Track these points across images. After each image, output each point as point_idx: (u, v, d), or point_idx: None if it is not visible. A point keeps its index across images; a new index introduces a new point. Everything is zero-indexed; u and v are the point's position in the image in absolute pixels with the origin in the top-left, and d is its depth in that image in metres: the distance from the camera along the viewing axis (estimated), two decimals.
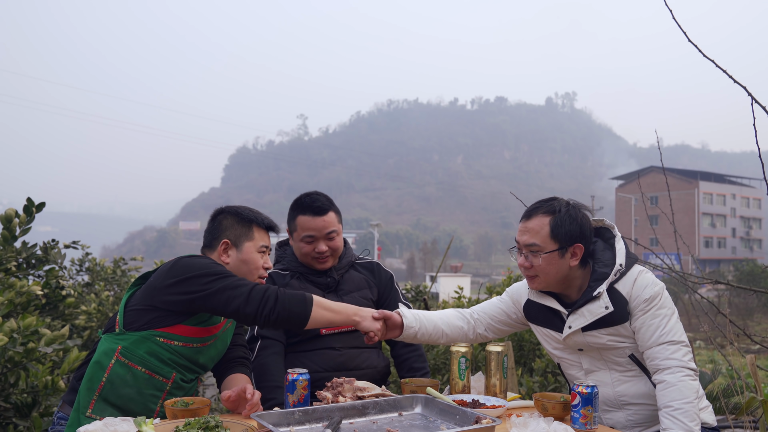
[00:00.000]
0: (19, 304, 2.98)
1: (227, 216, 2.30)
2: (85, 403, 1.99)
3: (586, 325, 2.14)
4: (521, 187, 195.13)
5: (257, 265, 2.27)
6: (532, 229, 2.15)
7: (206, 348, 2.15)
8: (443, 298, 7.35)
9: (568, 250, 2.13)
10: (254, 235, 2.29)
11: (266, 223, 2.35)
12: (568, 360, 2.29)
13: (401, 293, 2.80)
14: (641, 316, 2.10)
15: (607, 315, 2.11)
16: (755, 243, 73.28)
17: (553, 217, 2.13)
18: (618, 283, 2.14)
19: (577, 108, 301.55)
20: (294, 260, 2.66)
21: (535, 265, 2.14)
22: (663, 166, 3.50)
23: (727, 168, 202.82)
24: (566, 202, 2.18)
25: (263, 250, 2.30)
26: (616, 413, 2.22)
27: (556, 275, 2.15)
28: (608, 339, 2.14)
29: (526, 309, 2.36)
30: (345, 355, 2.52)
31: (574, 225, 2.13)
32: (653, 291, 2.11)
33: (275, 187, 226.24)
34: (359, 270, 2.73)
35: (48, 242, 3.63)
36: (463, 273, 50.73)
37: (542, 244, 2.12)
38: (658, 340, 2.07)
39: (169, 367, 2.06)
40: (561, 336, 2.22)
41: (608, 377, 2.20)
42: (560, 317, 2.23)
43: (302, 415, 1.81)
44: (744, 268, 23.03)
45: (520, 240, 2.18)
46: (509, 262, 2.44)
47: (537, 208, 2.18)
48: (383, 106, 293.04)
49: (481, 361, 3.92)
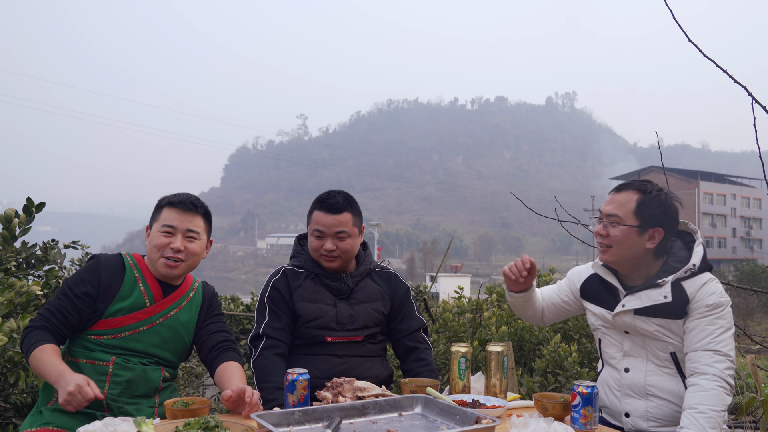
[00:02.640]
0: (19, 304, 2.98)
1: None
2: (45, 399, 2.17)
3: (639, 308, 2.16)
4: (521, 187, 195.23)
5: (156, 243, 2.27)
6: (618, 201, 2.20)
7: (140, 335, 2.24)
8: (443, 298, 7.34)
9: (647, 231, 2.15)
10: (161, 215, 2.31)
11: (177, 200, 2.32)
12: (611, 338, 2.31)
13: (416, 307, 2.74)
14: (698, 318, 2.10)
15: (664, 305, 2.12)
16: (755, 243, 73.28)
17: (642, 196, 2.17)
18: (685, 281, 2.15)
19: (577, 108, 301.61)
20: (309, 257, 2.61)
21: (611, 235, 2.18)
22: (663, 166, 3.49)
23: (728, 168, 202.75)
24: (660, 187, 2.22)
25: (166, 229, 2.27)
26: (638, 401, 2.22)
27: (628, 251, 2.17)
28: (656, 329, 2.16)
29: (583, 287, 2.40)
30: (348, 363, 2.49)
31: (660, 209, 2.16)
32: (718, 300, 2.11)
33: (275, 187, 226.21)
34: (375, 280, 2.67)
35: (48, 242, 3.62)
36: (463, 273, 50.74)
37: (623, 216, 2.16)
38: (705, 346, 2.07)
39: (106, 354, 2.20)
40: (611, 314, 2.24)
41: (643, 365, 2.22)
42: (615, 297, 2.26)
43: (302, 415, 1.80)
44: (744, 268, 23.04)
45: (604, 209, 2.23)
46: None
47: (630, 184, 2.23)
48: (383, 106, 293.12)
49: (481, 361, 3.92)
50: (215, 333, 2.39)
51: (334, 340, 2.50)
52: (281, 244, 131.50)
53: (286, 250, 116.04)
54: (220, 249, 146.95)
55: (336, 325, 2.50)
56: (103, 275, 2.24)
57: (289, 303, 2.52)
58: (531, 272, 2.34)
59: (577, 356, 4.13)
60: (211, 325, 2.41)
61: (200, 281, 2.50)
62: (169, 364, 2.33)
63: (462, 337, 4.64)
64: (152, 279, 2.31)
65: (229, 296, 7.04)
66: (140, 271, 2.31)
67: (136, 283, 2.27)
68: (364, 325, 2.55)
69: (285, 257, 75.67)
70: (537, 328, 4.60)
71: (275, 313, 2.51)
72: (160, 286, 2.31)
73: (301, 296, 2.52)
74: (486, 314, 4.86)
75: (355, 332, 2.53)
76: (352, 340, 2.53)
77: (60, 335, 2.18)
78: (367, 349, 2.57)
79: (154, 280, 2.31)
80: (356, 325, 2.53)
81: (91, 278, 2.23)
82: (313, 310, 2.50)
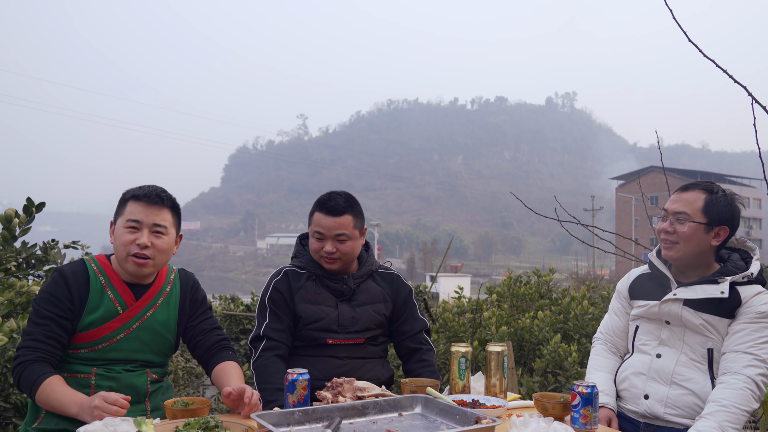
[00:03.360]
0: (19, 304, 2.98)
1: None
2: (32, 417, 2.11)
3: (692, 299, 2.19)
4: (521, 187, 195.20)
5: (122, 241, 2.13)
6: (686, 199, 2.25)
7: (118, 343, 2.15)
8: (443, 298, 7.35)
9: (713, 228, 2.21)
10: (125, 210, 2.17)
11: (142, 193, 2.17)
12: (649, 326, 2.33)
13: (419, 308, 2.72)
14: (746, 323, 2.13)
15: (716, 300, 2.16)
16: (755, 243, 73.28)
17: (709, 195, 2.24)
18: (740, 286, 2.18)
19: (577, 108, 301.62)
20: (311, 258, 2.59)
21: (678, 232, 2.22)
22: (663, 166, 3.49)
23: (727, 168, 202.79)
24: (723, 188, 2.28)
25: (131, 224, 2.13)
26: (661, 387, 2.23)
27: (695, 248, 2.22)
28: (702, 323, 2.18)
29: (631, 288, 2.43)
30: (348, 365, 2.48)
31: (727, 208, 2.22)
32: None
33: (275, 187, 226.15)
34: (377, 281, 2.65)
35: (48, 242, 3.62)
36: (463, 273, 50.78)
37: (692, 213, 2.22)
38: (746, 349, 2.10)
39: (87, 366, 2.13)
40: (658, 303, 2.26)
41: (676, 355, 2.24)
42: (665, 290, 2.29)
43: (302, 415, 1.81)
44: None
45: (670, 207, 2.27)
46: (509, 262, 2.43)
47: (695, 184, 2.29)
48: (383, 106, 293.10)
49: (481, 361, 3.93)
50: (209, 332, 2.35)
51: (335, 342, 2.49)
52: (281, 244, 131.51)
53: (286, 250, 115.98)
54: (220, 249, 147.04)
55: (337, 327, 2.49)
56: (72, 288, 2.11)
57: (290, 304, 2.51)
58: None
59: (576, 356, 4.13)
60: (203, 323, 2.35)
61: (177, 269, 2.37)
62: (155, 364, 2.26)
63: (462, 337, 4.64)
64: (120, 283, 2.18)
65: (229, 296, 7.04)
66: (106, 276, 2.18)
67: (103, 291, 2.15)
68: (365, 327, 2.54)
69: (285, 257, 74.71)
70: (537, 328, 4.60)
71: (276, 314, 2.50)
72: (129, 289, 2.19)
73: (303, 298, 2.51)
74: (486, 314, 4.86)
75: (356, 334, 2.52)
76: (353, 342, 2.51)
77: (57, 361, 2.09)
78: (368, 351, 2.56)
79: (122, 284, 2.19)
80: (358, 327, 2.52)
81: (64, 293, 2.10)
82: (314, 312, 2.49)
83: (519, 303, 5.45)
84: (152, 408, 2.20)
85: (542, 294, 5.48)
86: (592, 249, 17.69)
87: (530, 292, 5.46)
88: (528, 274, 5.77)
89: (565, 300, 5.14)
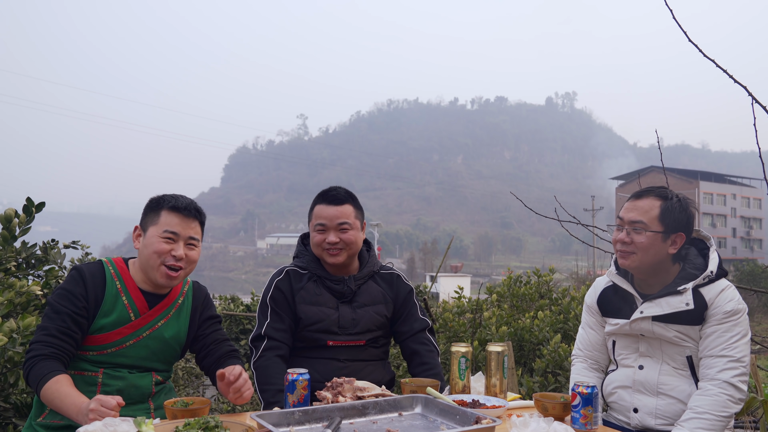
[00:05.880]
0: (18, 304, 2.98)
1: (148, 203, 2.26)
2: (37, 413, 2.12)
3: (659, 315, 2.17)
4: (521, 187, 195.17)
5: (157, 250, 2.13)
6: (641, 208, 2.20)
7: (127, 349, 2.16)
8: (443, 298, 7.34)
9: (670, 236, 2.18)
10: (160, 219, 2.17)
11: (181, 205, 2.18)
12: (626, 341, 2.31)
13: (419, 307, 2.70)
14: (716, 325, 2.13)
15: (684, 312, 2.14)
16: (755, 243, 73.25)
17: (664, 202, 2.19)
18: (703, 288, 2.16)
19: (576, 108, 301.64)
20: (313, 258, 2.58)
21: (635, 242, 2.18)
22: (663, 166, 3.49)
23: (728, 168, 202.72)
24: (677, 193, 2.24)
25: (168, 236, 2.14)
26: (649, 399, 2.23)
27: (653, 257, 2.18)
28: (675, 335, 2.17)
29: (599, 303, 2.40)
30: (349, 367, 2.47)
31: (683, 214, 2.19)
32: (736, 307, 2.14)
33: (275, 187, 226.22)
34: (378, 282, 2.63)
35: (48, 242, 3.62)
36: (463, 273, 50.76)
37: (649, 223, 2.18)
38: (720, 352, 2.10)
39: (94, 367, 2.14)
40: (628, 322, 2.24)
41: (658, 366, 2.23)
42: (631, 305, 2.26)
43: (302, 415, 1.80)
44: (744, 268, 23.09)
45: (626, 216, 2.22)
46: (509, 262, 2.43)
47: (649, 191, 2.24)
48: (383, 106, 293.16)
49: (481, 361, 3.92)
50: (221, 342, 2.35)
51: (335, 344, 2.48)
52: (281, 244, 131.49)
53: (286, 250, 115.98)
54: (220, 249, 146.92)
55: (338, 329, 2.49)
56: (89, 288, 2.12)
57: (291, 304, 2.50)
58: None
59: None
60: (215, 333, 2.36)
61: (191, 281, 2.39)
62: (160, 370, 2.27)
63: (462, 337, 4.64)
64: (135, 290, 2.18)
65: (229, 296, 7.03)
66: (122, 281, 2.18)
67: (118, 296, 2.15)
68: (366, 329, 2.53)
69: (285, 257, 74.87)
70: (537, 328, 4.60)
71: (277, 313, 2.50)
72: (144, 297, 2.19)
73: (303, 299, 2.50)
74: (486, 314, 4.86)
75: (357, 336, 2.51)
76: (353, 344, 2.50)
77: (69, 358, 2.08)
78: (369, 353, 2.55)
79: (137, 291, 2.19)
80: (358, 329, 2.51)
81: (81, 291, 2.11)
82: (315, 314, 2.48)
83: (519, 303, 5.44)
84: (155, 407, 2.22)
85: (542, 294, 5.47)
86: (592, 249, 17.66)
87: (530, 292, 5.45)
88: (528, 274, 5.76)
89: (565, 300, 5.13)
